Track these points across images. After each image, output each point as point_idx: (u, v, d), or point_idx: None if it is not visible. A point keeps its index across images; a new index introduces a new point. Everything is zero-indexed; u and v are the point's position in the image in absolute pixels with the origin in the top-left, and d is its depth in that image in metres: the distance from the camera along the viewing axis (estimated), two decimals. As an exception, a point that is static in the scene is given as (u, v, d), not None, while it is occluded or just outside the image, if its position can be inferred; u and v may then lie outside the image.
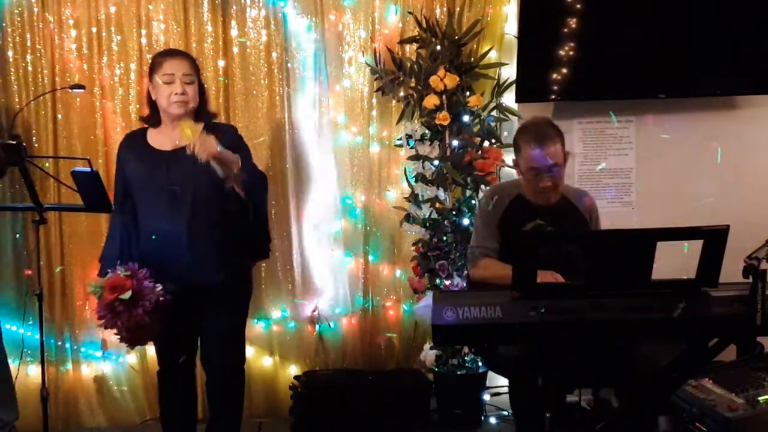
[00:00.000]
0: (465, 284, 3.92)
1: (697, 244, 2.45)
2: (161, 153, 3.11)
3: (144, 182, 3.07)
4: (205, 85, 3.36)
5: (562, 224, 3.10)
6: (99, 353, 4.15)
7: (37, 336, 3.29)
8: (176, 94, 3.06)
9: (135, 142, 3.20)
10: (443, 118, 3.98)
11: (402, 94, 4.13)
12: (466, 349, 4.00)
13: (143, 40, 4.03)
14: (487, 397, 4.10)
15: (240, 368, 3.36)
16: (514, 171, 4.15)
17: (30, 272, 3.96)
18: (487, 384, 4.08)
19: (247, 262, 3.29)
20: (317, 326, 4.27)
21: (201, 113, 3.20)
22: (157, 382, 3.41)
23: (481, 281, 3.14)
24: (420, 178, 4.09)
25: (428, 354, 4.11)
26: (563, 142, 3.08)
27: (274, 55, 4.12)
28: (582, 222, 3.16)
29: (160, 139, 3.16)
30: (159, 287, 2.94)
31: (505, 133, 4.22)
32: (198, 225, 3.04)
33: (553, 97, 4.07)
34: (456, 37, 4.04)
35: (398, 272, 4.34)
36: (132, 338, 2.98)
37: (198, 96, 3.15)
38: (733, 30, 4.03)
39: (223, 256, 3.09)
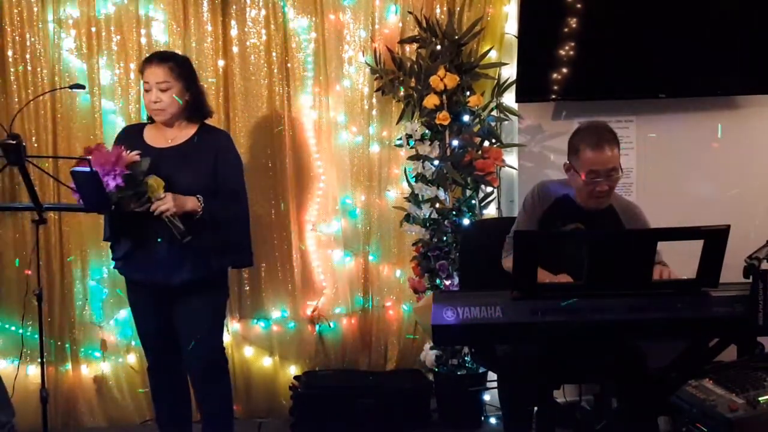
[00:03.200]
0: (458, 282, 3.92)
1: (698, 244, 2.45)
2: (152, 149, 3.19)
3: None
4: (202, 85, 3.39)
5: None
6: (98, 353, 4.15)
7: (37, 336, 3.28)
8: (152, 102, 3.16)
9: (131, 135, 3.30)
10: (443, 118, 3.98)
11: (402, 94, 4.13)
12: (466, 349, 4.00)
13: (143, 40, 4.02)
14: (487, 397, 4.10)
15: (219, 365, 3.38)
16: (515, 171, 4.21)
17: (30, 272, 3.95)
18: (487, 384, 4.07)
19: (221, 265, 3.31)
20: (317, 326, 4.27)
21: (192, 114, 3.26)
22: (149, 382, 3.49)
23: (507, 272, 3.13)
24: (420, 178, 4.08)
25: (428, 354, 4.11)
26: (619, 147, 3.08)
27: (274, 55, 4.12)
28: None
29: (154, 136, 3.26)
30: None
31: (505, 133, 4.22)
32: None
33: (553, 97, 4.07)
34: (456, 37, 4.03)
35: (398, 272, 4.33)
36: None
37: (181, 99, 3.19)
38: (733, 30, 4.03)
39: (196, 255, 3.12)
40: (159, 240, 3.09)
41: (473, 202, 4.08)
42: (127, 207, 3.00)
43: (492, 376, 4.01)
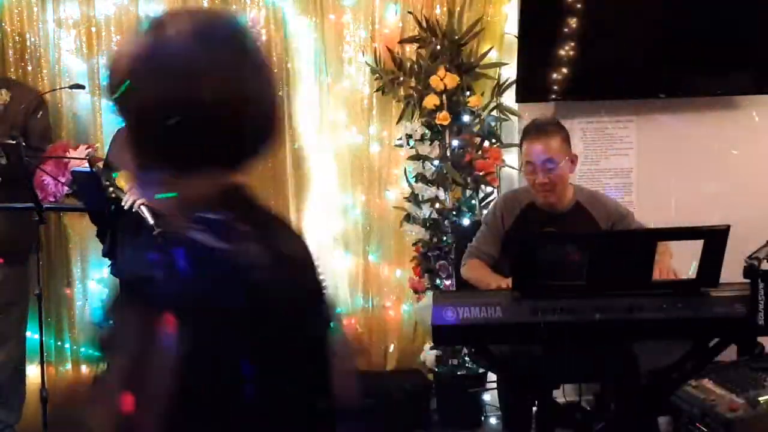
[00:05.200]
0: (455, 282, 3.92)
1: (698, 244, 2.45)
2: None
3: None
4: None
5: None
6: (99, 353, 4.14)
7: (37, 336, 3.28)
8: None
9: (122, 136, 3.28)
10: (443, 118, 3.98)
11: (402, 94, 4.12)
12: (466, 349, 4.00)
13: (143, 40, 4.02)
14: (487, 397, 4.10)
15: None
16: (514, 171, 4.20)
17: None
18: (487, 384, 4.07)
19: None
20: (317, 326, 4.26)
21: None
22: None
23: (465, 281, 3.16)
24: (420, 178, 4.08)
25: (428, 354, 4.11)
26: (566, 141, 3.07)
27: (274, 55, 4.12)
28: (596, 229, 3.06)
29: None
30: None
31: (505, 133, 4.22)
32: None
33: (554, 97, 4.07)
34: (456, 37, 4.03)
35: (398, 272, 4.33)
36: None
37: None
38: (733, 29, 4.03)
39: None
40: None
41: (473, 202, 4.08)
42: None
43: (492, 376, 4.01)
